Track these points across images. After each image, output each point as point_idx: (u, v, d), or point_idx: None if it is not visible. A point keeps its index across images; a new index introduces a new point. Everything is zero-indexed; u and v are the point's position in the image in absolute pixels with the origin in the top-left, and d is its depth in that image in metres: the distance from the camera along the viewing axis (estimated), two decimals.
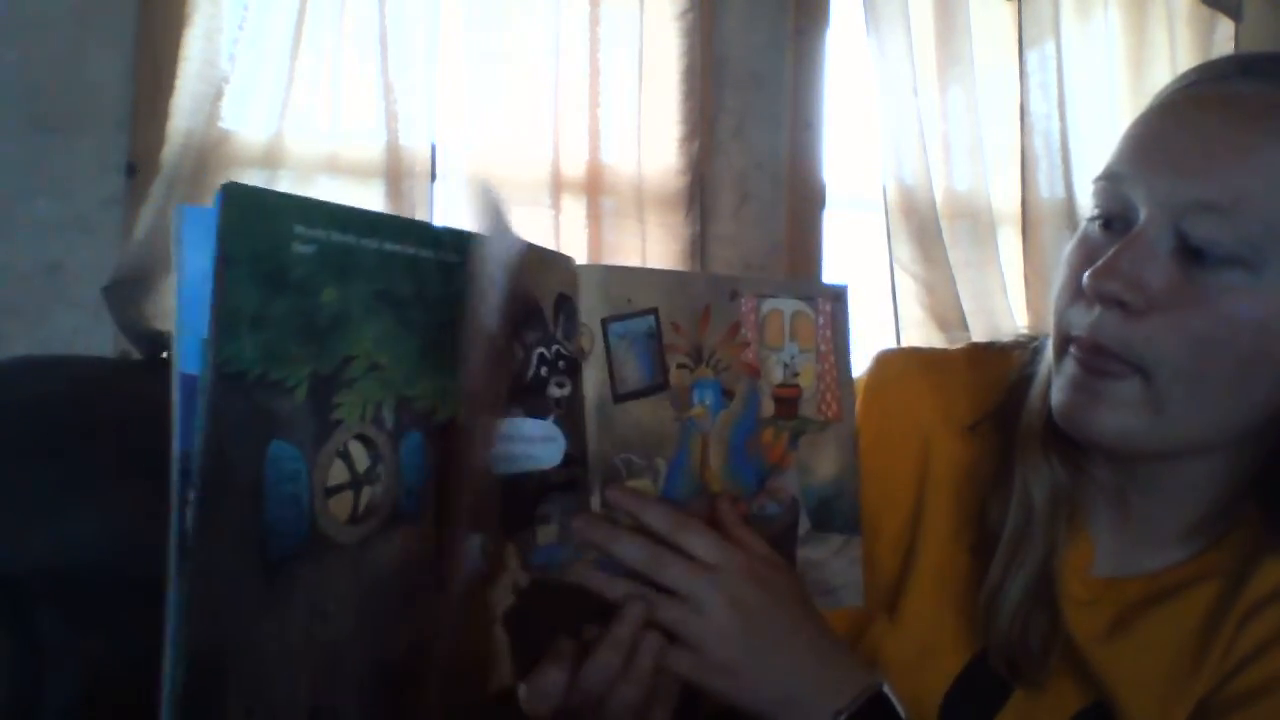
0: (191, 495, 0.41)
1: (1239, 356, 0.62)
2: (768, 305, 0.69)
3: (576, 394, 0.60)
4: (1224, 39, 2.56)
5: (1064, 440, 0.69)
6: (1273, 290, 0.60)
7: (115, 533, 0.50)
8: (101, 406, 0.53)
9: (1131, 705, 0.68)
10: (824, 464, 0.71)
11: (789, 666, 0.62)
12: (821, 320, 0.71)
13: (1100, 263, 0.63)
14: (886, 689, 0.64)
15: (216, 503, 0.41)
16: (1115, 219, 0.65)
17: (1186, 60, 2.49)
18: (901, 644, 0.77)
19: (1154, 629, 0.70)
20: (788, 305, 0.70)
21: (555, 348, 0.58)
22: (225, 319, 0.41)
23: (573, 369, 0.60)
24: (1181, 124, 0.63)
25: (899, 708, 0.64)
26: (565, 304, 0.60)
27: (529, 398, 0.57)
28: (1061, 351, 0.68)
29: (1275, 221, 0.59)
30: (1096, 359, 0.64)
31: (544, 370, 0.57)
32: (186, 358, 0.42)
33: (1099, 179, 0.67)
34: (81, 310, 1.49)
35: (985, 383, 0.79)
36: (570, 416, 0.59)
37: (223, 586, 0.41)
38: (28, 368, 1.09)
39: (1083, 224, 0.69)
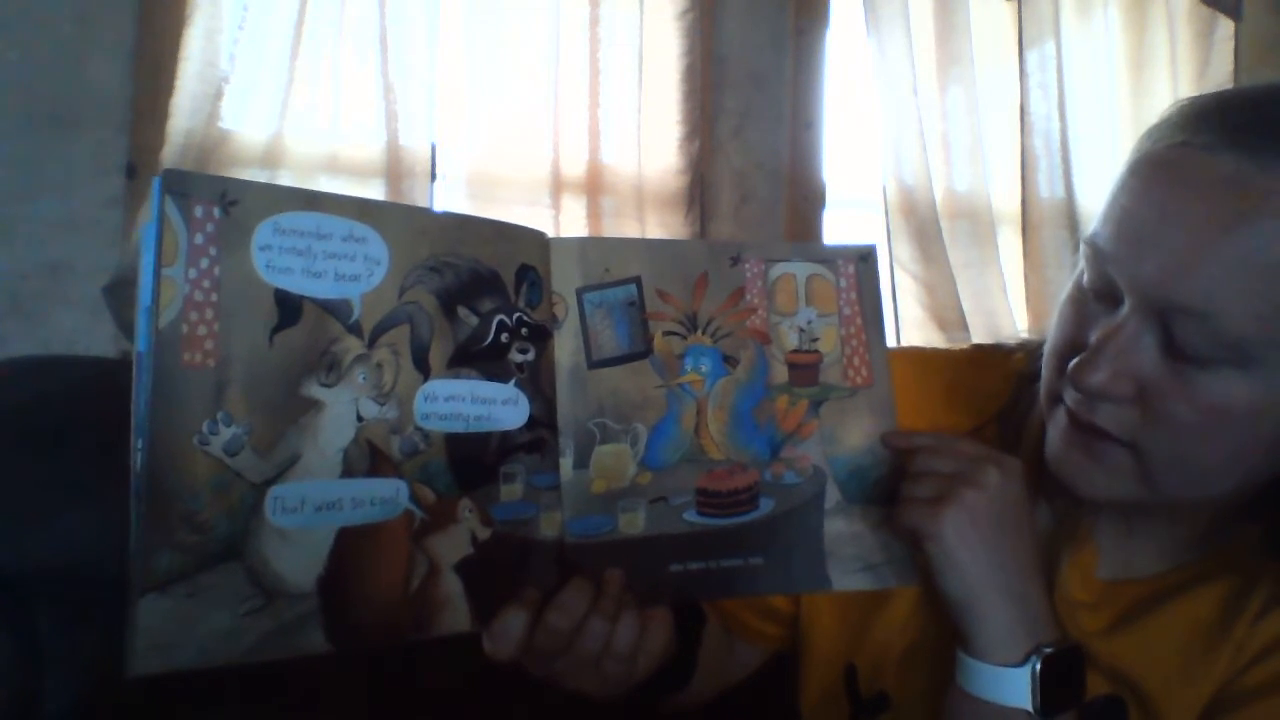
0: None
1: (1228, 444, 0.61)
2: (777, 270, 0.69)
3: (543, 360, 0.63)
4: (1224, 39, 2.56)
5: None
6: (1262, 383, 0.59)
7: (115, 532, 0.50)
8: (101, 406, 0.53)
9: (1148, 692, 0.69)
10: (854, 433, 0.70)
11: (1015, 572, 0.63)
12: (844, 283, 0.70)
13: (1084, 356, 0.62)
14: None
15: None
16: (1100, 293, 0.64)
17: (1186, 60, 2.50)
18: (892, 643, 0.77)
19: (1161, 623, 0.70)
20: (801, 269, 0.69)
21: (517, 315, 0.62)
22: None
23: (538, 336, 0.63)
24: (1164, 208, 0.60)
25: (1086, 675, 0.65)
26: (528, 274, 0.63)
27: (486, 361, 0.61)
28: (1052, 405, 0.68)
29: (1258, 322, 0.57)
30: (1089, 432, 0.64)
31: (504, 336, 0.61)
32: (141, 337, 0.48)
33: (1087, 242, 0.65)
34: (81, 310, 1.49)
35: (988, 386, 0.79)
36: (535, 381, 0.63)
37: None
38: (28, 368, 1.09)
39: (1076, 270, 0.68)
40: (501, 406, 0.61)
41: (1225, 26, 2.56)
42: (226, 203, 0.51)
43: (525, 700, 0.77)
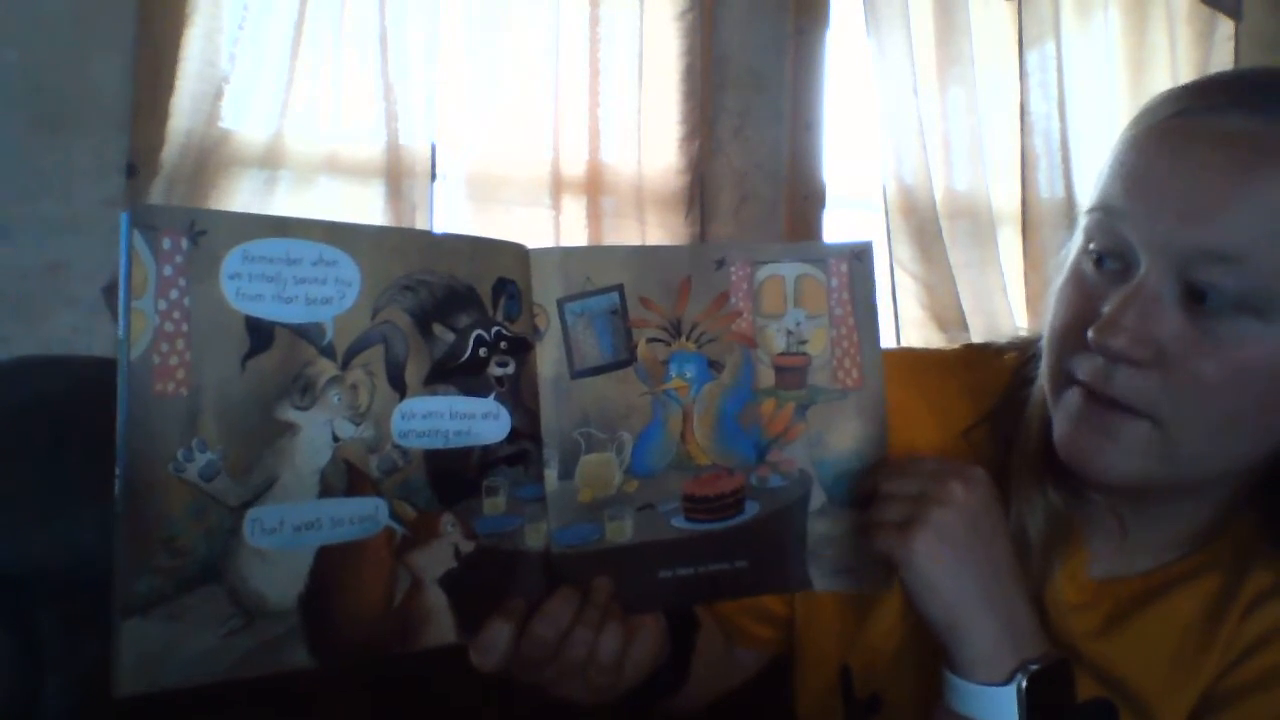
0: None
1: (1252, 401, 0.61)
2: (764, 272, 0.68)
3: (523, 372, 0.63)
4: (1224, 39, 2.55)
5: (1061, 468, 0.68)
6: None
7: (112, 543, 0.50)
8: (101, 406, 0.54)
9: (1139, 694, 0.69)
10: (841, 435, 0.69)
11: (994, 589, 0.63)
12: (836, 282, 0.69)
13: (1104, 318, 0.61)
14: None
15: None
16: (1110, 257, 0.63)
17: (1186, 60, 2.49)
18: (885, 645, 0.77)
19: (1152, 622, 0.70)
20: (789, 270, 0.68)
21: (495, 329, 0.62)
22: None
23: (518, 348, 0.63)
24: (1179, 162, 0.60)
25: (1076, 687, 0.64)
26: (506, 286, 0.63)
27: (465, 377, 0.61)
28: (1060, 388, 0.66)
29: None
30: (1105, 408, 0.63)
31: (483, 351, 0.61)
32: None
33: (1093, 210, 0.65)
34: (81, 310, 1.50)
35: (981, 385, 0.79)
36: (516, 394, 0.63)
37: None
38: (28, 368, 1.09)
39: (1073, 253, 0.67)
40: (481, 421, 0.61)
41: (1225, 26, 2.56)
42: (195, 233, 0.51)
43: (526, 703, 0.78)
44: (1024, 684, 0.61)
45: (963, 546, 0.62)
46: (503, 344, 0.62)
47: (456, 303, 0.60)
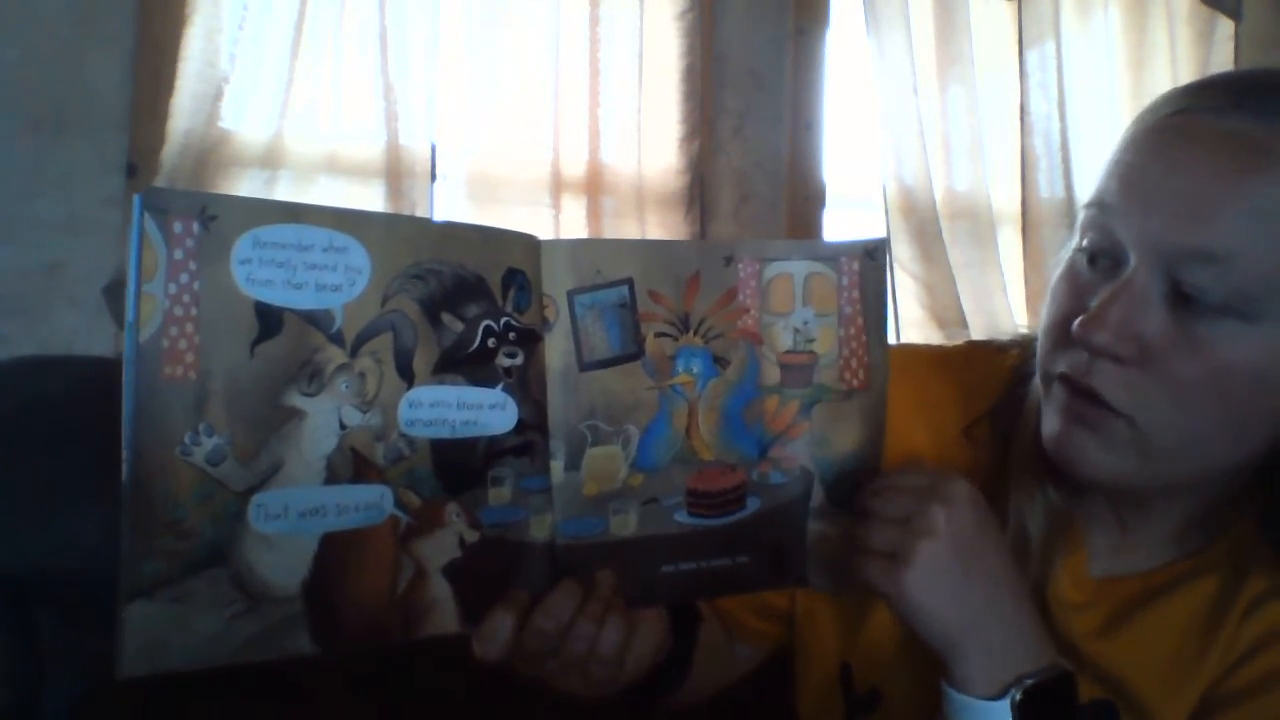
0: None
1: (1232, 405, 0.61)
2: (773, 269, 0.68)
3: (531, 363, 0.63)
4: (1224, 39, 2.56)
5: (1058, 466, 0.68)
6: (1267, 339, 0.59)
7: (115, 533, 0.50)
8: (101, 406, 0.54)
9: (1138, 695, 0.69)
10: (844, 435, 0.69)
11: (987, 609, 0.62)
12: (846, 280, 0.68)
13: (1090, 313, 0.62)
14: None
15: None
16: (1102, 254, 0.64)
17: (1186, 60, 2.50)
18: (885, 641, 0.77)
19: (1152, 623, 0.70)
20: (799, 268, 0.68)
21: (504, 320, 0.62)
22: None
23: (526, 339, 0.63)
24: (1173, 161, 0.61)
25: (1078, 697, 0.64)
26: (516, 277, 0.62)
27: (473, 367, 0.61)
28: (1050, 383, 0.67)
29: (1271, 272, 0.58)
30: (1087, 402, 0.63)
31: (491, 341, 0.61)
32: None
33: (1088, 206, 0.65)
34: (81, 310, 1.49)
35: (978, 383, 0.79)
36: (524, 385, 0.63)
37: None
38: (28, 368, 1.09)
39: (1069, 249, 0.68)
40: (489, 411, 0.61)
41: (1225, 26, 2.56)
42: (206, 218, 0.51)
43: (527, 699, 0.77)
44: (1017, 698, 0.61)
45: (952, 577, 0.61)
46: (511, 335, 0.62)
47: (466, 292, 0.60)
